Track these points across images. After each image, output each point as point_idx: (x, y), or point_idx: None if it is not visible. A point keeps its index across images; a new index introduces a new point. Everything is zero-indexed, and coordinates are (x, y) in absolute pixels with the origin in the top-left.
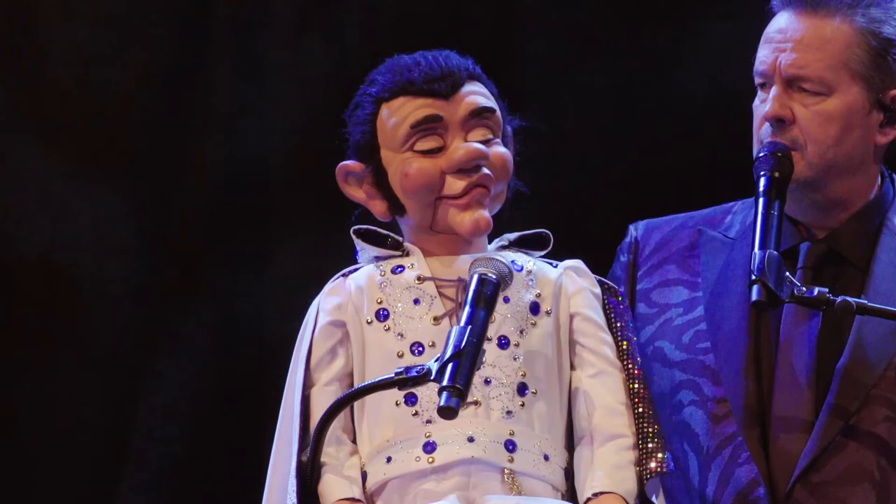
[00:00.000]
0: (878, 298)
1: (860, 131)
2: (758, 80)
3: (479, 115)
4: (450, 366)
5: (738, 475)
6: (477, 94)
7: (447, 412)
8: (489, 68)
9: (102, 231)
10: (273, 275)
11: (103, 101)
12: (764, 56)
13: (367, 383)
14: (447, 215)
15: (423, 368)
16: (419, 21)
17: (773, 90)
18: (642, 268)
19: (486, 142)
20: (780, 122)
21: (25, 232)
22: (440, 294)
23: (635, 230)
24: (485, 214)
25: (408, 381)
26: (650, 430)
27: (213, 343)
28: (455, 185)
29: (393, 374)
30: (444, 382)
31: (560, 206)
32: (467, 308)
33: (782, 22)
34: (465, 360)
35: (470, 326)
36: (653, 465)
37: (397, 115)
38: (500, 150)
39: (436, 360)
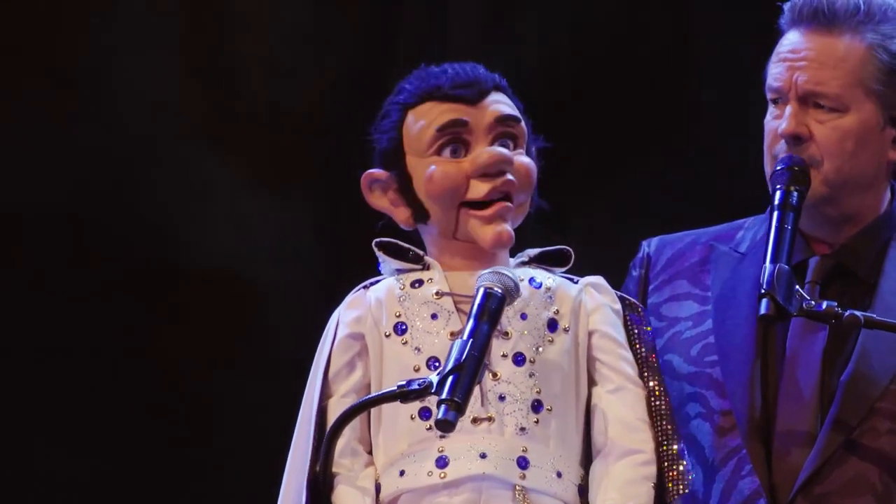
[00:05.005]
0: (887, 313)
1: (874, 147)
2: (771, 97)
3: (504, 123)
4: (449, 379)
5: (741, 487)
6: (502, 104)
7: (444, 425)
8: (663, 78)
9: (285, 241)
10: None
11: (289, 115)
12: (778, 73)
13: (369, 396)
14: (469, 226)
15: (424, 381)
16: (596, 34)
17: (789, 108)
18: (653, 282)
19: (510, 150)
20: (797, 140)
21: (212, 241)
22: (458, 310)
23: (648, 246)
24: (507, 228)
25: (409, 394)
26: (671, 448)
27: None
28: (479, 188)
29: (395, 388)
30: (443, 395)
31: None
32: (470, 321)
33: (794, 40)
34: (465, 373)
35: (472, 340)
36: (673, 484)
37: (424, 119)
38: (524, 159)
39: (437, 374)
